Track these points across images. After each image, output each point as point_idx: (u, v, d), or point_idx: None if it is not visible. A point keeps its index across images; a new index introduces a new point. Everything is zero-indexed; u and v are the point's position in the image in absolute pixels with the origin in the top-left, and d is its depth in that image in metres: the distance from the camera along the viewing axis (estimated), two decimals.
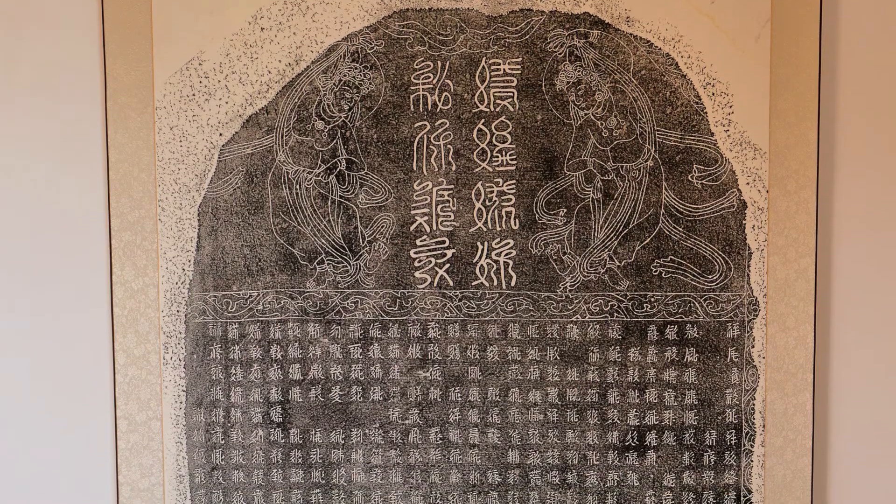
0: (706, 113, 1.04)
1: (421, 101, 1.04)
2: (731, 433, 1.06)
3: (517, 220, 1.05)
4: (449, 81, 1.04)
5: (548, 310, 1.06)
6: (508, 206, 1.05)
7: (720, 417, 1.06)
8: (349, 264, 1.05)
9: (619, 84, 1.04)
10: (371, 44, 1.04)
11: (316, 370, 1.06)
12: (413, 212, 1.05)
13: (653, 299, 1.05)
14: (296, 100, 1.04)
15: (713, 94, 1.04)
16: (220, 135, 1.05)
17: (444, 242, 1.05)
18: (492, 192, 1.05)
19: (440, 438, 1.06)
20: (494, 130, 1.05)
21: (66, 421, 1.07)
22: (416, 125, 1.05)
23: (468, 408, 1.06)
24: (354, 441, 1.06)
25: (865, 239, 1.07)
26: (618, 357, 1.06)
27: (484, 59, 1.04)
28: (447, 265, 1.05)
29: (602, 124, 1.05)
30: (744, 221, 1.05)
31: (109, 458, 1.07)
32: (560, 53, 1.04)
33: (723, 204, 1.05)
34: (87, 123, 1.06)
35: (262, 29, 1.04)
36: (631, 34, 1.03)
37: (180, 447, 1.06)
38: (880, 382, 1.08)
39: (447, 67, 1.04)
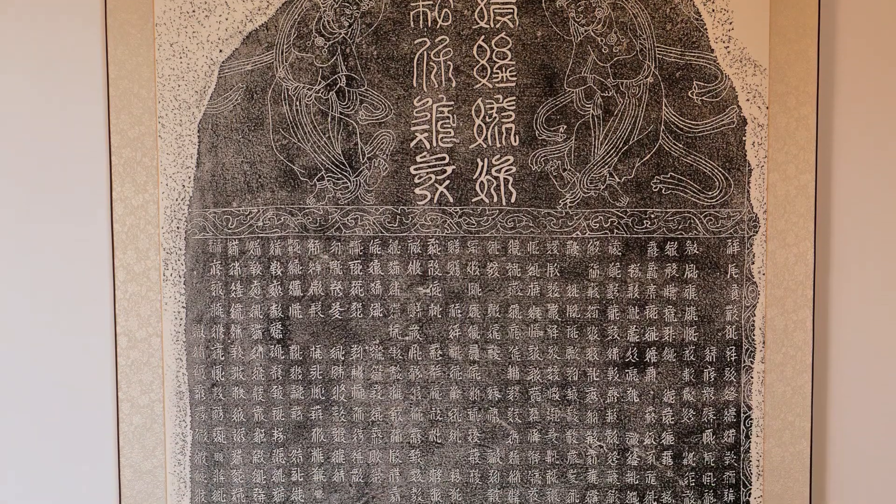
0: (706, 29, 1.04)
1: (421, 17, 1.04)
2: (731, 350, 1.06)
3: (517, 137, 1.05)
4: None
5: (548, 226, 1.06)
6: (508, 122, 1.05)
7: (720, 334, 1.06)
8: (349, 181, 1.05)
9: (619, 0, 1.04)
10: None
11: (316, 287, 1.06)
12: (413, 128, 1.05)
13: (653, 216, 1.05)
14: (296, 16, 1.04)
15: (713, 10, 1.04)
16: (220, 51, 1.05)
17: (444, 159, 1.05)
18: (492, 108, 1.05)
19: (440, 355, 1.06)
20: (494, 47, 1.05)
21: (66, 338, 1.07)
22: (416, 42, 1.05)
23: (468, 324, 1.06)
24: (354, 357, 1.06)
25: (866, 155, 1.07)
26: (618, 273, 1.06)
27: None
28: (447, 182, 1.05)
29: (602, 41, 1.05)
30: (744, 138, 1.05)
31: (109, 374, 1.07)
32: None
33: (723, 120, 1.05)
34: (86, 40, 1.06)
35: None
36: None
37: (180, 364, 1.06)
38: (880, 298, 1.08)
39: None
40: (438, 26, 1.05)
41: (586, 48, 1.05)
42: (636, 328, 1.06)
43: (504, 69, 1.05)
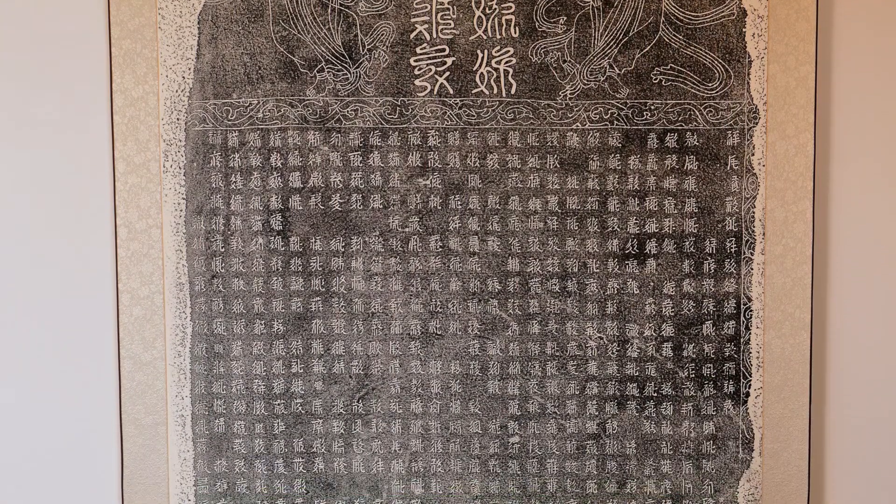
0: None
1: None
2: (730, 241, 1.06)
3: (517, 28, 1.05)
4: None
5: (548, 118, 1.05)
6: (508, 13, 1.05)
7: (720, 225, 1.06)
8: (349, 72, 1.05)
9: None
10: None
11: (316, 178, 1.06)
12: (413, 20, 1.05)
13: (652, 107, 1.05)
14: None
15: None
16: None
17: (443, 50, 1.05)
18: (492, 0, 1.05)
19: (440, 246, 1.06)
20: None
21: (66, 229, 1.07)
22: None
23: (468, 216, 1.06)
24: (354, 249, 1.06)
25: (866, 46, 1.07)
26: (617, 165, 1.06)
27: None
28: (447, 73, 1.05)
29: None
30: (744, 29, 1.05)
31: (109, 266, 1.07)
32: None
33: (723, 12, 1.05)
34: None
35: None
36: None
37: (180, 255, 1.06)
38: (880, 189, 1.08)
39: None
40: None
41: None
42: (636, 220, 1.06)
43: None
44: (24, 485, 1.08)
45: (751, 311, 1.06)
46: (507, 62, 1.05)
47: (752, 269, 1.06)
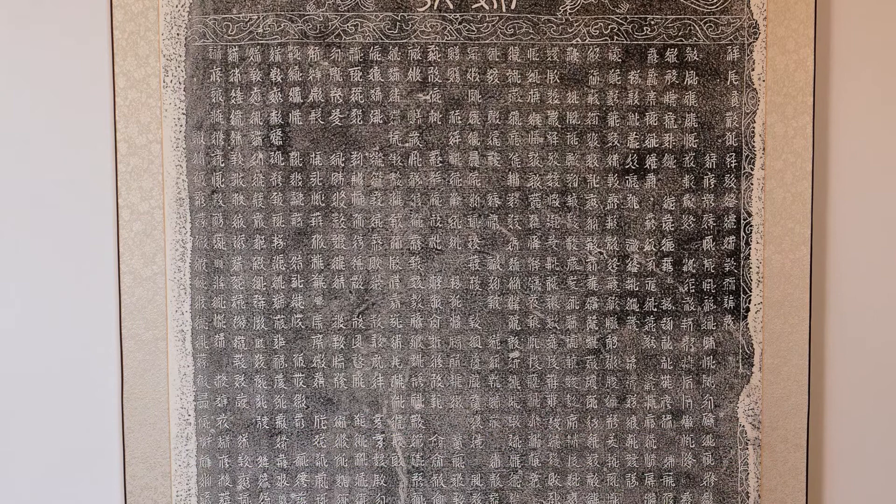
0: None
1: None
2: (730, 156, 1.06)
3: None
4: None
5: (548, 33, 1.05)
6: None
7: (720, 140, 1.06)
8: None
9: None
10: None
11: (316, 93, 1.06)
12: None
13: (653, 22, 1.05)
14: None
15: None
16: None
17: None
18: None
19: (440, 162, 1.06)
20: None
21: (65, 142, 1.07)
22: None
23: (468, 131, 1.06)
24: (354, 164, 1.06)
25: None
26: (618, 80, 1.06)
27: None
28: None
29: None
30: None
31: (109, 181, 1.07)
32: None
33: None
34: None
35: None
36: None
37: (180, 170, 1.06)
38: (880, 106, 1.08)
39: None
40: None
41: None
42: (636, 135, 1.06)
43: None
44: (22, 401, 1.08)
45: (751, 226, 1.06)
46: None
47: (751, 184, 1.06)
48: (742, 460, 1.07)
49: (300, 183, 1.06)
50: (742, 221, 1.06)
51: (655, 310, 1.07)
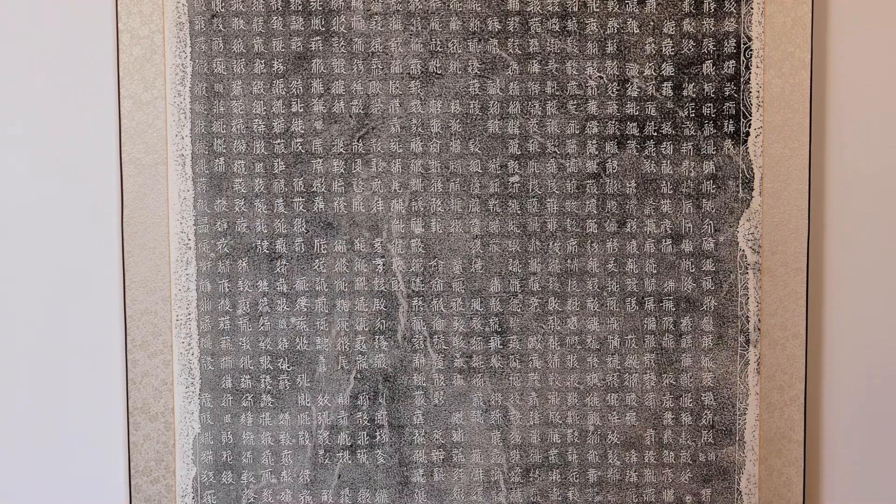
0: None
1: None
2: None
3: None
4: None
5: None
6: None
7: None
8: None
9: None
10: None
11: None
12: None
13: None
14: None
15: None
16: None
17: None
18: None
19: None
20: None
21: None
22: None
23: None
24: None
25: None
26: None
27: None
28: None
29: None
30: None
31: (109, 5, 1.06)
32: None
33: None
34: None
35: None
36: None
37: None
38: None
39: None
40: None
41: None
42: None
43: None
44: (23, 225, 1.08)
45: (751, 50, 1.06)
46: None
47: (752, 7, 1.06)
48: (742, 284, 1.07)
49: (300, 7, 1.06)
50: (742, 46, 1.06)
51: (655, 134, 1.06)
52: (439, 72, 1.06)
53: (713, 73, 1.06)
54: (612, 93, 1.06)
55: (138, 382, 1.07)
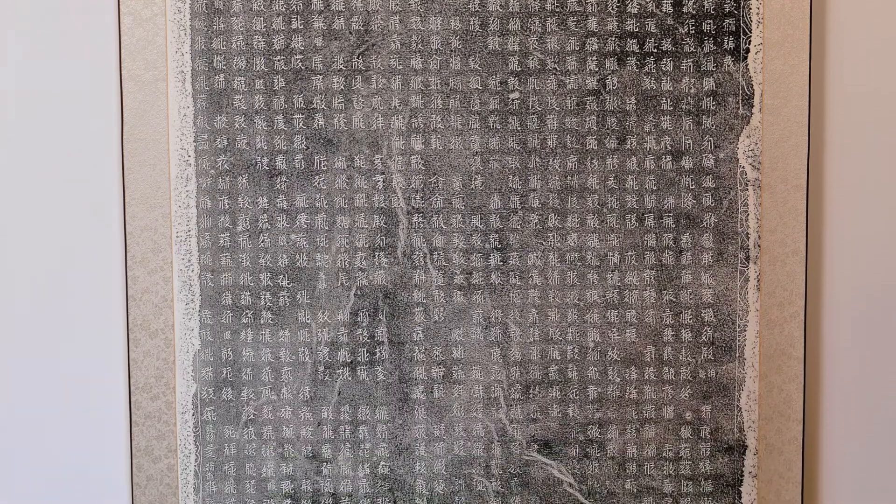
0: None
1: None
2: None
3: None
4: None
5: None
6: None
7: None
8: None
9: None
10: None
11: None
12: None
13: None
14: None
15: None
16: None
17: None
18: None
19: None
20: None
21: None
22: None
23: None
24: None
25: None
26: None
27: None
28: None
29: None
30: None
31: None
32: None
33: None
34: None
35: None
36: None
37: None
38: None
39: None
40: None
41: None
42: None
43: None
44: (18, 139, 1.08)
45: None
46: None
47: None
48: (742, 201, 1.07)
49: None
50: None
51: (655, 50, 1.06)
52: None
53: None
54: (612, 9, 1.06)
55: (138, 299, 1.07)
